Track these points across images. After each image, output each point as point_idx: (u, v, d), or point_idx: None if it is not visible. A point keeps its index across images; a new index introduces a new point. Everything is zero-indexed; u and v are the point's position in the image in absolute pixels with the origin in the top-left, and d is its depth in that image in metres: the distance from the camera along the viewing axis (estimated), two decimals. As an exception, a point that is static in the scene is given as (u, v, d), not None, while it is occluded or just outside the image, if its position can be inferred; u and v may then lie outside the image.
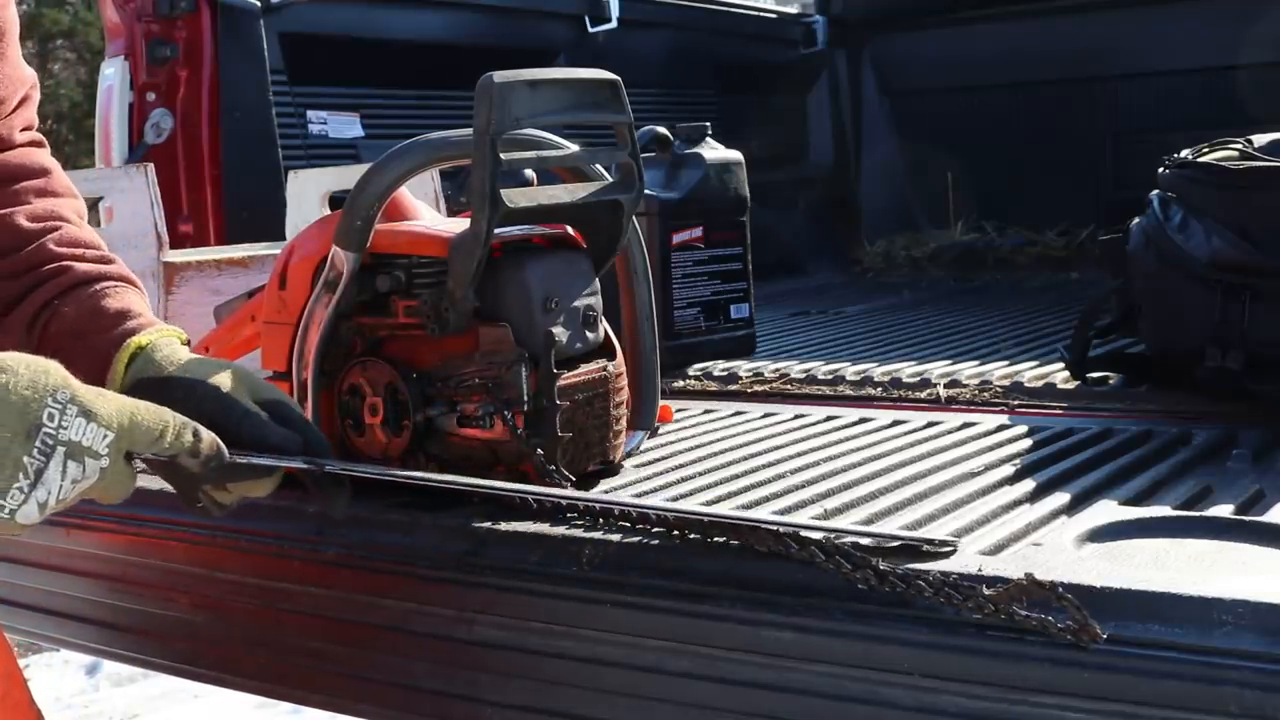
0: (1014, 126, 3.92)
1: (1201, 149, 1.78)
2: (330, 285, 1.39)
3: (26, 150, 1.39)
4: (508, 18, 3.42)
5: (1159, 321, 1.78)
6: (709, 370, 2.20)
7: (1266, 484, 1.31)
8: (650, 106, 3.43)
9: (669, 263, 2.26)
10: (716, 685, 1.11)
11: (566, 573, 1.19)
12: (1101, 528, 1.13)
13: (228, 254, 2.06)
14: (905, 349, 2.34)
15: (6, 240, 1.30)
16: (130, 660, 1.63)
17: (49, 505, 0.98)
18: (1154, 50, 3.71)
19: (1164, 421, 1.62)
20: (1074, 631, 0.94)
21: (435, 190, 2.09)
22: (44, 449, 0.97)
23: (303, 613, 1.37)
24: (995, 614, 0.97)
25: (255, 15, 2.77)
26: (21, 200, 1.34)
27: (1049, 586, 0.95)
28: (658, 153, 2.33)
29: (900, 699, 1.02)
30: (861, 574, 1.03)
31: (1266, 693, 0.88)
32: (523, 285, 1.35)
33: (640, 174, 1.40)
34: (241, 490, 1.17)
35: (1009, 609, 0.96)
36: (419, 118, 2.94)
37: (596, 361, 1.42)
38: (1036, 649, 0.96)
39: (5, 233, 1.30)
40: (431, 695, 1.29)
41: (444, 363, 1.38)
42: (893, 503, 1.31)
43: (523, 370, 1.33)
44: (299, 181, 2.23)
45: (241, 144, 2.74)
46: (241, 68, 2.74)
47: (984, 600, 0.97)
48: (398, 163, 1.37)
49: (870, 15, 4.20)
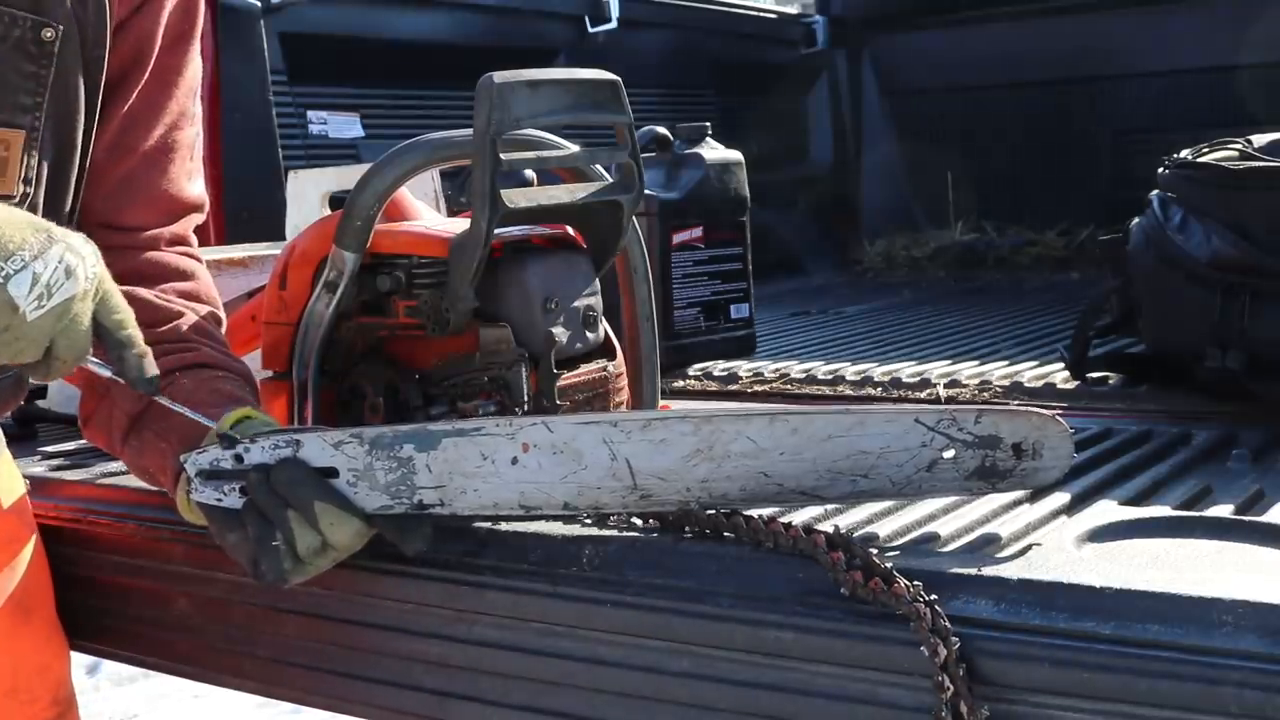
0: (1014, 126, 3.93)
1: (1201, 149, 1.78)
2: (330, 285, 1.39)
3: (178, 257, 1.45)
4: (508, 18, 3.42)
5: (1159, 321, 1.78)
6: (709, 370, 2.20)
7: (1266, 484, 1.31)
8: (650, 106, 3.43)
9: (669, 263, 2.26)
10: (716, 685, 1.11)
11: (566, 572, 1.19)
12: (1101, 528, 1.13)
13: (228, 254, 2.05)
14: (905, 349, 2.34)
15: (142, 315, 1.35)
16: (130, 660, 1.63)
17: (39, 284, 1.05)
18: (1154, 50, 3.71)
19: (1164, 421, 1.62)
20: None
21: (435, 190, 2.08)
22: (51, 238, 1.07)
23: (303, 613, 1.37)
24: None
25: (255, 15, 2.77)
26: (164, 292, 1.41)
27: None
28: (658, 153, 2.33)
29: (900, 699, 1.02)
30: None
31: (1266, 693, 0.88)
32: (523, 285, 1.35)
33: (640, 174, 1.40)
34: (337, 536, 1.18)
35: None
36: (419, 118, 2.94)
37: (596, 361, 1.42)
38: (1036, 649, 0.96)
39: (141, 308, 1.35)
40: (431, 695, 1.29)
41: (444, 363, 1.38)
42: (893, 502, 1.31)
43: (523, 370, 1.33)
44: (299, 181, 2.23)
45: (241, 144, 2.74)
46: (242, 68, 2.74)
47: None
48: (398, 163, 1.37)
49: (870, 15, 4.20)
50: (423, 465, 1.15)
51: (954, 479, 1.10)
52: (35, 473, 1.66)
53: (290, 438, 1.18)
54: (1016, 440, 1.09)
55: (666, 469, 1.11)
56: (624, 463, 1.11)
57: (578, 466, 1.12)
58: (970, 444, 1.09)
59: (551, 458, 1.13)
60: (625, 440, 1.11)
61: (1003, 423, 1.10)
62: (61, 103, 1.27)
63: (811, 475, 1.10)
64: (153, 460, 1.31)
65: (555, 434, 1.12)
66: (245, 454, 1.18)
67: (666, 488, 1.12)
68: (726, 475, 1.11)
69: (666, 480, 1.12)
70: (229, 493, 1.19)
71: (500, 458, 1.13)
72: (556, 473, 1.13)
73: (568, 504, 1.14)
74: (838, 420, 1.10)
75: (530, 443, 1.13)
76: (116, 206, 1.40)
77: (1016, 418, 1.11)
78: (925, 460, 1.09)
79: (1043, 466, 1.10)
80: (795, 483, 1.11)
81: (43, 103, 1.24)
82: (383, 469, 1.16)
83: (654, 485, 1.12)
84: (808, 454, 1.09)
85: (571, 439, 1.12)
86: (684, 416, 1.11)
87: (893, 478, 1.10)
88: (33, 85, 1.24)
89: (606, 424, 1.12)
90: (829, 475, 1.10)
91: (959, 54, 4.01)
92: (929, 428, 1.09)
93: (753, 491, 1.12)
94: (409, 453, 1.15)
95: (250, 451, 1.18)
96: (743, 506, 1.13)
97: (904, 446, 1.09)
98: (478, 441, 1.14)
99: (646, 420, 1.12)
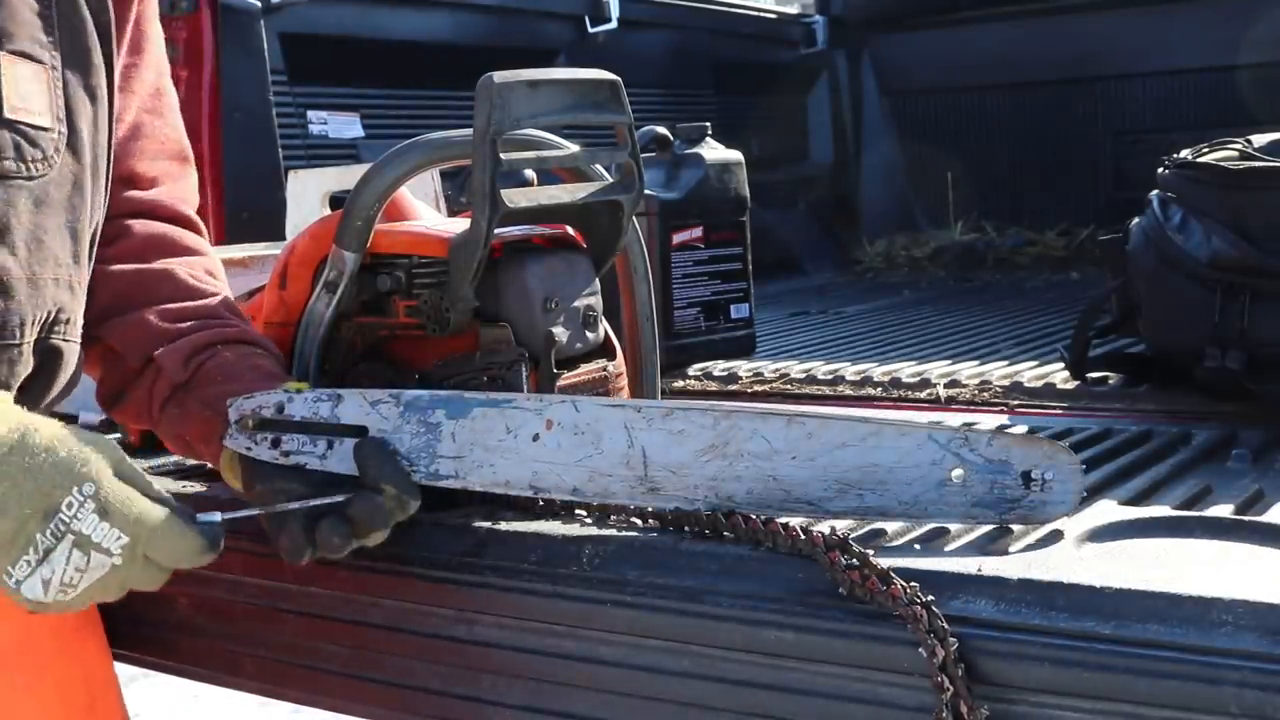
0: (1014, 126, 3.93)
1: (1201, 149, 1.78)
2: (330, 285, 1.39)
3: (197, 239, 1.46)
4: (508, 18, 3.42)
5: (1159, 321, 1.78)
6: (709, 370, 2.20)
7: (1266, 484, 1.31)
8: (650, 106, 3.43)
9: (669, 263, 2.26)
10: (716, 685, 1.11)
11: (566, 572, 1.19)
12: (1101, 528, 1.13)
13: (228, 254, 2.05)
14: (905, 349, 2.34)
15: (175, 291, 1.37)
16: (130, 660, 1.62)
17: (53, 585, 1.04)
18: (1154, 50, 3.71)
19: (1164, 421, 1.62)
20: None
21: (435, 190, 2.08)
22: (56, 532, 1.03)
23: (303, 613, 1.37)
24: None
25: (255, 15, 2.77)
26: (183, 265, 1.41)
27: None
28: (658, 153, 2.33)
29: (900, 699, 1.02)
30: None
31: (1266, 693, 0.88)
32: (523, 285, 1.35)
33: (640, 174, 1.40)
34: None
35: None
36: (419, 118, 2.94)
37: (596, 361, 1.42)
38: (1036, 649, 0.96)
39: (168, 284, 1.37)
40: (431, 695, 1.29)
41: (444, 363, 1.38)
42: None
43: (523, 370, 1.33)
44: (299, 181, 2.24)
45: (241, 144, 2.74)
46: (242, 68, 2.74)
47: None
48: (398, 163, 1.37)
49: (870, 15, 4.20)
50: (448, 433, 1.18)
51: (961, 504, 1.10)
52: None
53: (332, 392, 1.22)
54: (1026, 468, 1.09)
55: (679, 462, 1.13)
56: (639, 450, 1.13)
57: (594, 450, 1.14)
58: (980, 467, 1.09)
59: (572, 437, 1.15)
60: (645, 428, 1.13)
61: (1014, 447, 1.10)
62: (74, 45, 1.25)
63: (820, 484, 1.11)
64: (195, 428, 1.32)
65: (580, 414, 1.15)
66: (288, 404, 1.22)
67: (676, 483, 1.13)
68: (736, 475, 1.12)
69: (677, 474, 1.13)
70: (260, 442, 1.22)
71: (524, 432, 1.16)
72: (573, 454, 1.15)
73: (576, 489, 1.16)
74: (853, 429, 1.11)
75: (555, 420, 1.16)
76: (131, 154, 1.39)
77: (1029, 444, 1.11)
78: (934, 479, 1.09)
79: (1050, 500, 1.09)
80: (802, 490, 1.11)
81: (55, 41, 1.22)
82: (410, 432, 1.19)
83: (664, 478, 1.13)
84: (820, 460, 1.10)
85: (595, 420, 1.15)
86: (705, 409, 1.13)
87: (900, 496, 1.10)
88: (44, 23, 1.22)
89: (630, 409, 1.15)
90: (837, 486, 1.10)
91: (959, 54, 4.02)
92: (941, 445, 1.09)
93: (759, 496, 1.12)
94: (439, 418, 1.18)
95: (293, 402, 1.22)
96: (747, 511, 1.14)
97: (915, 462, 1.09)
98: (507, 414, 1.17)
99: (669, 409, 1.14)
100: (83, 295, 1.26)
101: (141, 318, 1.35)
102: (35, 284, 1.18)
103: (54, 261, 1.20)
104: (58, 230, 1.21)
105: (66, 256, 1.22)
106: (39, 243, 1.18)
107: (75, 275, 1.23)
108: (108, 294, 1.33)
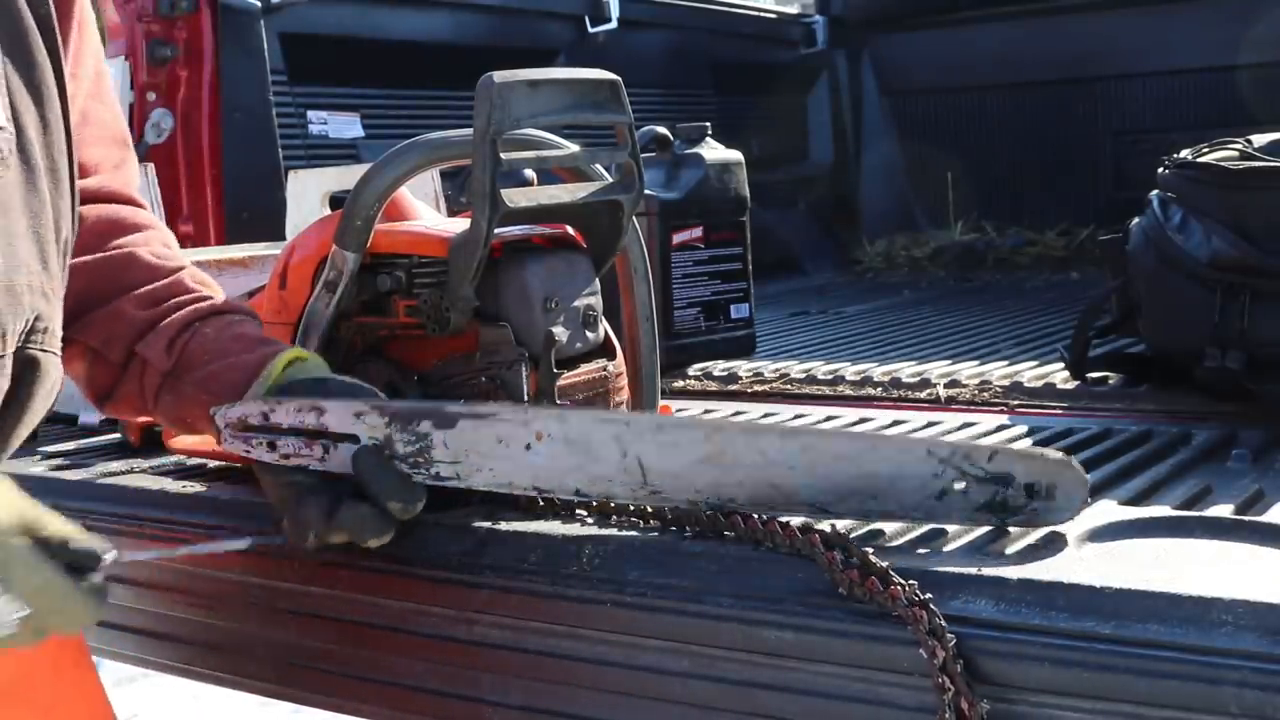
0: (1014, 126, 3.93)
1: (1201, 149, 1.78)
2: (330, 285, 1.39)
3: (141, 213, 1.44)
4: (508, 18, 3.42)
5: (1159, 321, 1.78)
6: (709, 370, 2.20)
7: (1266, 484, 1.31)
8: (650, 106, 3.43)
9: (669, 263, 2.26)
10: (716, 685, 1.11)
11: (566, 572, 1.19)
12: (1101, 528, 1.13)
13: (228, 254, 2.06)
14: (905, 349, 2.34)
15: (141, 275, 1.36)
16: (130, 660, 1.62)
17: None
18: (1154, 50, 3.71)
19: (1164, 421, 1.62)
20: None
21: (435, 190, 2.08)
22: None
23: (303, 613, 1.37)
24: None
25: (255, 15, 2.77)
26: (142, 244, 1.40)
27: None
28: (658, 153, 2.33)
29: (901, 699, 1.02)
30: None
31: (1266, 693, 0.88)
32: (523, 285, 1.35)
33: (640, 174, 1.40)
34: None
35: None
36: (419, 118, 2.94)
37: (596, 361, 1.42)
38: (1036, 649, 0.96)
39: (138, 269, 1.36)
40: (431, 695, 1.29)
41: (444, 363, 1.38)
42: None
43: (523, 370, 1.33)
44: (299, 181, 2.24)
45: (241, 144, 2.74)
46: (242, 68, 2.75)
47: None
48: (398, 163, 1.37)
49: (870, 15, 4.20)
50: (440, 441, 1.18)
51: (963, 510, 1.10)
52: (35, 473, 1.66)
53: (315, 403, 1.22)
54: (1029, 480, 1.08)
55: (677, 471, 1.13)
56: (635, 460, 1.13)
57: (589, 460, 1.14)
58: (982, 479, 1.08)
59: (564, 448, 1.15)
60: (637, 440, 1.12)
61: (1016, 462, 1.09)
62: (13, 44, 1.18)
63: (819, 491, 1.10)
64: (193, 410, 1.32)
65: (568, 426, 1.14)
66: (271, 414, 1.23)
67: (678, 486, 1.13)
68: (737, 481, 1.12)
69: (678, 479, 1.13)
70: (256, 445, 1.23)
71: (515, 443, 1.16)
72: (569, 463, 1.15)
73: (579, 490, 1.16)
74: (850, 442, 1.11)
75: (544, 432, 1.15)
76: (80, 142, 1.32)
77: (1031, 459, 1.10)
78: (935, 490, 1.09)
79: (1054, 507, 1.09)
80: (803, 495, 1.11)
81: None
82: (402, 441, 1.19)
83: (665, 483, 1.13)
84: (819, 470, 1.10)
85: (584, 434, 1.14)
86: (696, 424, 1.13)
87: (901, 502, 1.10)
88: None
89: (620, 423, 1.14)
90: (837, 494, 1.10)
91: (959, 54, 4.02)
92: (941, 460, 1.08)
93: (762, 499, 1.12)
94: (427, 429, 1.18)
95: (276, 412, 1.22)
96: (751, 511, 1.14)
97: (914, 475, 1.09)
98: (494, 425, 1.16)
99: (658, 424, 1.13)
100: (59, 304, 1.22)
101: (115, 310, 1.34)
102: (13, 291, 1.13)
103: (26, 268, 1.16)
104: (25, 235, 1.16)
105: (35, 263, 1.17)
106: (11, 248, 1.14)
107: (47, 283, 1.18)
108: (75, 288, 1.29)
